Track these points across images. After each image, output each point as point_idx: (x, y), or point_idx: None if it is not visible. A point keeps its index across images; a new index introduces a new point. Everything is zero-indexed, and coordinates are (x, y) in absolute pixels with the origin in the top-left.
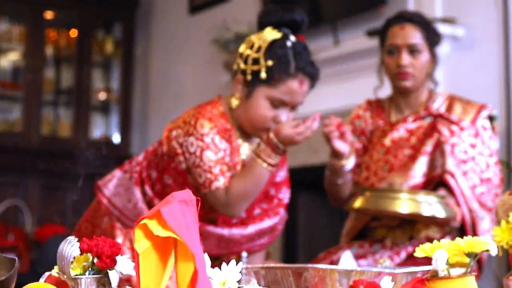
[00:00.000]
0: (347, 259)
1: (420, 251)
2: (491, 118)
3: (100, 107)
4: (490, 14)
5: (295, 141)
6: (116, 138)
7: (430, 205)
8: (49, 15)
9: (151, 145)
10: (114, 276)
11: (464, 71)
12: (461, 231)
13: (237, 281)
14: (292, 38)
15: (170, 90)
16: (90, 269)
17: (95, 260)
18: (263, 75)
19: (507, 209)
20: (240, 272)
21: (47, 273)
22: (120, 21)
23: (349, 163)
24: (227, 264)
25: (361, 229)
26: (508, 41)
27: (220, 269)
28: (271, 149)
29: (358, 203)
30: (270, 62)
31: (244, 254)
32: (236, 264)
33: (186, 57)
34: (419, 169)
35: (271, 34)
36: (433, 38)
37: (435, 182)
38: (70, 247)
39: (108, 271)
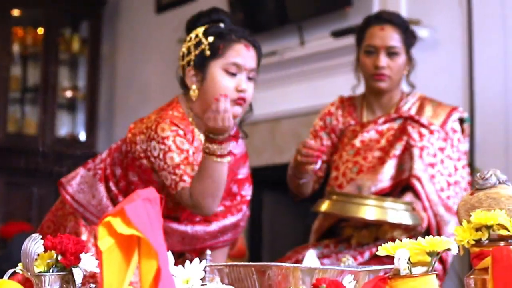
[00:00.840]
0: (310, 259)
1: (383, 250)
2: (461, 121)
3: (66, 105)
4: (454, 16)
5: (218, 127)
6: (82, 136)
7: (396, 212)
8: (15, 12)
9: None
10: (78, 274)
11: (428, 72)
12: (427, 235)
13: (201, 279)
14: (222, 24)
15: (136, 89)
16: (54, 266)
17: (59, 258)
18: (207, 52)
19: (468, 209)
20: (203, 270)
21: (11, 270)
22: (87, 20)
23: (317, 165)
24: (191, 261)
25: (328, 227)
26: (472, 43)
27: (184, 266)
28: (211, 142)
29: (324, 206)
30: (210, 38)
31: (208, 252)
32: (200, 261)
33: (153, 55)
34: (387, 173)
35: (202, 27)
36: (410, 40)
37: (403, 185)
38: (34, 244)
39: (72, 268)
